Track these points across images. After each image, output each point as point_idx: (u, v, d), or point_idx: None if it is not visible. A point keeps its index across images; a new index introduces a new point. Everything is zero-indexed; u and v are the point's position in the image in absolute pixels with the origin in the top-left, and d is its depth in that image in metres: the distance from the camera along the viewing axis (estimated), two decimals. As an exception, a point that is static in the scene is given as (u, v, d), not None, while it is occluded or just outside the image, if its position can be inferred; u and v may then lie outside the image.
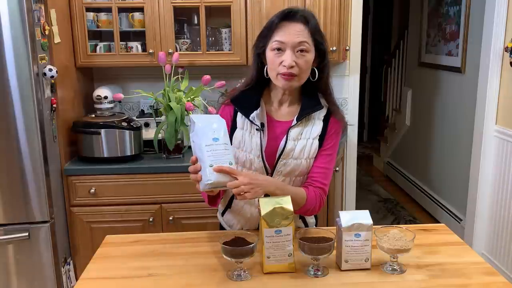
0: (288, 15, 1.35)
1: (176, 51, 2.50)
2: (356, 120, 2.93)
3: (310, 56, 1.36)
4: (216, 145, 1.23)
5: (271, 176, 1.43)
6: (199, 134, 1.24)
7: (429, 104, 4.01)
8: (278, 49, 1.35)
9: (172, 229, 2.35)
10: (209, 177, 1.22)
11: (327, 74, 1.43)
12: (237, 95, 1.46)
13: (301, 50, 1.34)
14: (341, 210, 2.89)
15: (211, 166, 1.21)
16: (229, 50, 2.55)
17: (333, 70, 2.83)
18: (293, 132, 1.42)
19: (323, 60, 1.41)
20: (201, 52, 2.50)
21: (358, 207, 3.20)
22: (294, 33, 1.34)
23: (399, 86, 4.85)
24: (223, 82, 2.39)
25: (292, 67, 1.34)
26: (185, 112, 2.32)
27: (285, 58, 1.34)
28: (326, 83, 1.43)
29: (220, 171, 1.22)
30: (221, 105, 1.50)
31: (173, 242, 1.46)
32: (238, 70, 2.68)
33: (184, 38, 2.58)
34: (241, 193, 1.25)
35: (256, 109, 1.42)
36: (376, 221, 3.57)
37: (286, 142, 1.41)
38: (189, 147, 1.52)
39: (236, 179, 1.24)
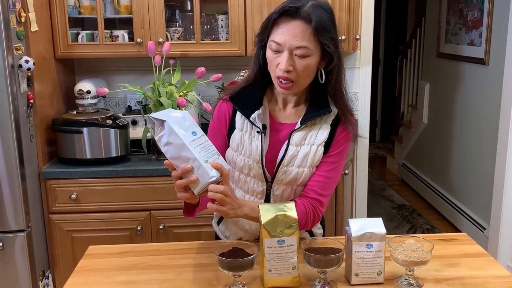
0: (289, 11, 1.29)
1: (167, 40, 2.50)
2: (368, 118, 2.93)
3: (312, 60, 1.32)
4: (198, 139, 1.22)
5: (271, 184, 1.43)
6: (175, 132, 1.20)
7: (449, 100, 4.02)
8: (275, 49, 1.32)
9: (162, 238, 2.36)
10: (211, 173, 1.20)
11: (338, 78, 1.38)
12: (237, 92, 1.45)
13: (300, 55, 1.31)
14: (351, 217, 2.92)
15: (207, 162, 1.21)
16: (226, 40, 2.55)
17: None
18: (296, 137, 1.40)
19: (331, 62, 1.36)
20: (194, 42, 2.50)
21: (370, 214, 3.20)
22: (292, 34, 1.29)
23: (415, 80, 4.85)
24: (220, 75, 2.39)
25: (288, 71, 1.32)
26: (177, 108, 2.32)
27: (281, 61, 1.31)
28: (335, 88, 1.39)
29: (220, 168, 1.21)
30: (218, 100, 1.49)
31: (164, 254, 1.46)
32: (236, 61, 2.68)
33: (176, 26, 2.58)
34: (218, 203, 1.25)
35: (258, 109, 1.40)
36: (390, 230, 3.57)
37: (287, 147, 1.40)
38: None
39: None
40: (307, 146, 1.41)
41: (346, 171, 2.65)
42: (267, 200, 1.46)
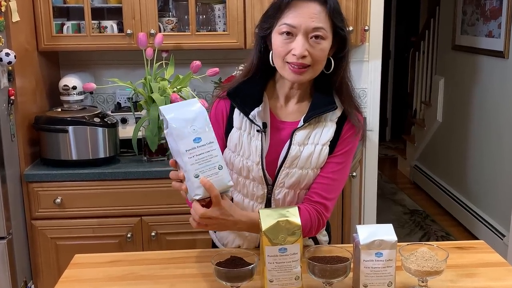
0: None
1: (160, 31, 2.50)
2: (377, 116, 2.93)
3: (327, 44, 1.35)
4: (200, 147, 1.21)
5: (272, 188, 1.43)
6: (174, 135, 1.21)
7: (466, 96, 4.02)
8: (288, 33, 1.33)
9: (154, 246, 2.36)
10: (196, 191, 1.22)
11: (345, 68, 1.40)
12: (235, 87, 1.45)
13: (316, 37, 1.33)
14: (359, 223, 2.92)
15: (197, 177, 1.21)
16: (224, 31, 2.54)
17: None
18: (299, 136, 1.41)
19: (342, 49, 1.38)
20: (189, 33, 2.50)
21: (380, 220, 3.19)
22: (308, 15, 1.31)
23: (429, 74, 4.85)
24: (217, 69, 2.39)
25: (304, 57, 1.33)
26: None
27: (296, 46, 1.32)
28: (342, 80, 1.41)
29: (209, 188, 1.21)
30: (215, 98, 1.49)
31: (156, 263, 1.46)
32: (235, 54, 2.68)
33: (169, 16, 2.58)
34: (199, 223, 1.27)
35: (258, 106, 1.41)
36: (402, 237, 3.57)
37: (289, 147, 1.40)
38: None
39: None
40: (310, 145, 1.41)
41: (354, 173, 2.65)
42: (268, 204, 1.46)
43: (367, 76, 2.88)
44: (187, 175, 1.22)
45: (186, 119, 1.22)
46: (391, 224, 1.28)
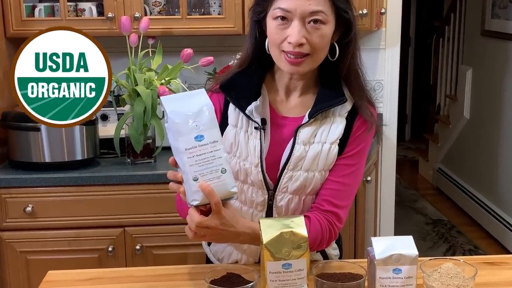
0: None
1: (145, 15, 2.50)
2: (395, 111, 2.93)
3: (328, 28, 1.35)
4: (201, 147, 1.21)
5: (274, 193, 1.43)
6: (173, 131, 1.22)
7: (497, 89, 4.01)
8: (283, 18, 1.34)
9: (139, 261, 2.36)
10: (193, 195, 1.22)
11: (353, 53, 1.41)
12: (229, 79, 1.45)
13: (315, 21, 1.33)
14: (374, 235, 2.92)
15: (196, 180, 1.21)
16: (219, 14, 2.55)
17: (362, 42, 2.84)
18: (304, 133, 1.41)
19: (347, 33, 1.39)
20: (179, 17, 2.50)
21: (398, 231, 3.20)
22: None
23: (454, 64, 4.85)
24: (211, 58, 2.39)
25: (300, 45, 1.33)
26: (158, 99, 2.32)
27: (291, 33, 1.32)
28: (350, 68, 1.42)
29: (209, 193, 1.21)
30: (207, 92, 1.49)
31: (142, 281, 1.45)
32: (231, 41, 2.68)
33: (156, -3, 2.59)
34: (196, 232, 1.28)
35: (255, 100, 1.41)
36: (424, 251, 3.57)
37: (293, 146, 1.40)
38: (168, 148, 1.50)
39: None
40: (317, 144, 1.41)
41: (368, 178, 2.64)
42: (269, 212, 1.46)
43: (383, 66, 2.88)
44: (185, 176, 1.22)
45: (188, 113, 1.22)
46: (411, 236, 1.28)
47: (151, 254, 2.37)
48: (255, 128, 1.41)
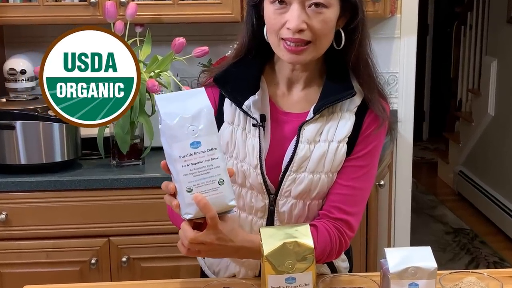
0: None
1: (133, 0, 2.50)
2: (412, 108, 2.93)
3: (331, 12, 1.35)
4: (197, 154, 1.21)
5: (275, 198, 1.43)
6: (167, 135, 1.22)
7: (525, 82, 4.01)
8: (281, 2, 1.34)
9: (126, 275, 2.35)
10: (186, 208, 1.22)
11: (361, 41, 1.41)
12: (224, 71, 1.46)
13: (316, 5, 1.33)
14: (388, 246, 2.91)
15: (190, 192, 1.21)
16: (214, -1, 2.55)
17: (374, 30, 2.85)
18: (309, 131, 1.41)
19: (354, 17, 1.39)
20: (171, 2, 2.51)
21: (415, 241, 3.20)
22: None
23: (478, 55, 4.85)
24: (206, 48, 2.39)
25: (300, 30, 1.33)
26: (147, 94, 2.31)
27: (290, 18, 1.33)
28: (359, 57, 1.42)
29: (204, 207, 1.20)
30: (200, 85, 1.49)
31: (127, 296, 1.46)
32: (229, 29, 2.68)
33: (144, -19, 2.58)
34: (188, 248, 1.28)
35: (253, 94, 1.41)
36: (443, 264, 3.56)
37: (296, 145, 1.41)
38: (158, 149, 1.52)
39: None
40: (323, 143, 1.41)
41: (381, 182, 2.64)
42: (271, 219, 1.46)
43: (398, 57, 2.89)
44: (179, 187, 1.22)
45: (185, 115, 1.22)
46: (429, 247, 1.28)
47: (139, 267, 2.37)
48: (254, 125, 1.42)
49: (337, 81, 1.43)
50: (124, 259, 2.35)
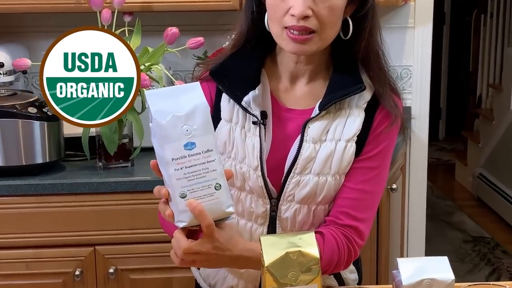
0: None
1: (121, -14, 2.50)
2: (427, 104, 2.94)
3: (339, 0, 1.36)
4: (192, 156, 1.21)
5: (277, 203, 1.44)
6: (158, 135, 1.22)
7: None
8: None
9: (113, 287, 2.35)
10: (180, 216, 1.22)
11: (371, 30, 1.42)
12: (221, 64, 1.47)
13: None
14: (401, 256, 2.91)
15: (184, 197, 1.21)
16: (211, -15, 2.55)
17: (386, 20, 2.85)
18: (314, 129, 1.42)
19: (363, 4, 1.40)
20: (162, -12, 2.52)
21: (430, 250, 3.20)
22: None
23: (499, 46, 4.86)
24: (201, 39, 2.39)
25: (305, 17, 1.33)
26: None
27: (295, 3, 1.33)
28: (368, 47, 1.43)
29: (199, 214, 1.20)
30: (195, 79, 1.50)
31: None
32: (226, 18, 2.67)
33: (134, -35, 2.58)
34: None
35: (253, 89, 1.42)
36: (461, 275, 3.56)
37: (300, 145, 1.41)
38: (149, 149, 1.53)
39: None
40: (330, 142, 1.42)
41: (394, 185, 2.65)
42: (272, 226, 1.47)
43: (412, 49, 2.90)
44: (172, 192, 1.22)
45: (178, 113, 1.21)
46: (446, 257, 1.28)
47: (128, 279, 2.37)
48: (254, 123, 1.42)
49: (345, 74, 1.43)
50: (111, 270, 2.35)
